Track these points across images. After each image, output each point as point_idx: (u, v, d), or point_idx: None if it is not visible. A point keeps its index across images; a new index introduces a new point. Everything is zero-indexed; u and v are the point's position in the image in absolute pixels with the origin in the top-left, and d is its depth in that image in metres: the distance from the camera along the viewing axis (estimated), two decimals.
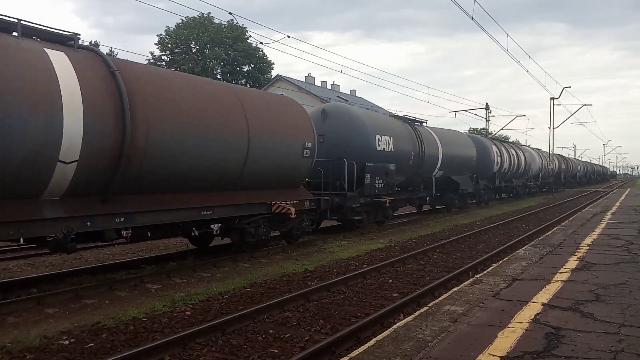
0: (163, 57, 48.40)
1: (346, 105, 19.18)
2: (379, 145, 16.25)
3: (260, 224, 11.58)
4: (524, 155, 35.90)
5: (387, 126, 17.62)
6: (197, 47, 47.71)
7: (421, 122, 21.15)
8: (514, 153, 33.30)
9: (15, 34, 7.34)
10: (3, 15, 7.24)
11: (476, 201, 28.02)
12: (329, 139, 15.58)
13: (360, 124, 16.01)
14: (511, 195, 35.48)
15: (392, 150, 16.99)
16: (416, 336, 4.94)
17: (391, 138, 17.00)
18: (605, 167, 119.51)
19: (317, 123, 15.04)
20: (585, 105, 47.39)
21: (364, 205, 15.96)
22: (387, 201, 16.81)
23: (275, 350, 5.86)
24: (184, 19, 47.01)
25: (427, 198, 21.58)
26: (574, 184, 61.78)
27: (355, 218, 15.78)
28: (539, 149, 45.89)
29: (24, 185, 7.22)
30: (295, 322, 6.94)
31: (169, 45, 48.22)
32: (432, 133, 21.18)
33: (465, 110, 43.95)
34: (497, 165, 28.83)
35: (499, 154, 29.33)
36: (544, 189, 44.58)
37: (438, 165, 21.04)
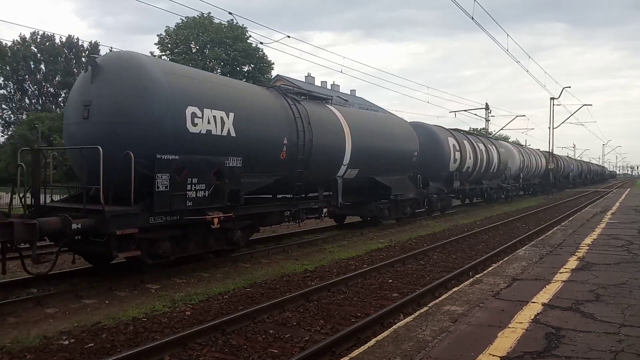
0: (163, 57, 48.37)
1: (135, 54, 10.01)
2: (194, 125, 9.45)
3: None
4: (498, 150, 28.76)
5: (223, 95, 10.48)
6: (197, 47, 47.67)
7: (323, 99, 14.79)
8: (482, 148, 26.18)
9: None
10: None
11: (425, 210, 21.25)
12: (98, 112, 9.09)
13: (149, 85, 9.06)
14: (483, 199, 30.03)
15: (232, 134, 10.29)
16: (416, 336, 4.94)
17: (230, 115, 10.23)
18: (604, 167, 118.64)
19: (83, 85, 9.56)
20: (585, 105, 47.41)
21: (164, 229, 9.27)
22: (217, 220, 9.93)
23: (275, 350, 5.86)
24: (184, 19, 47.00)
25: (325, 210, 14.26)
26: (566, 185, 56.29)
27: (123, 256, 8.76)
28: (521, 144, 44.09)
29: None
30: (295, 322, 6.94)
31: (169, 45, 48.19)
32: (337, 114, 14.50)
33: (465, 110, 44.15)
34: (454, 162, 22.26)
35: (457, 148, 22.62)
36: (530, 192, 40.54)
37: (345, 162, 14.34)
